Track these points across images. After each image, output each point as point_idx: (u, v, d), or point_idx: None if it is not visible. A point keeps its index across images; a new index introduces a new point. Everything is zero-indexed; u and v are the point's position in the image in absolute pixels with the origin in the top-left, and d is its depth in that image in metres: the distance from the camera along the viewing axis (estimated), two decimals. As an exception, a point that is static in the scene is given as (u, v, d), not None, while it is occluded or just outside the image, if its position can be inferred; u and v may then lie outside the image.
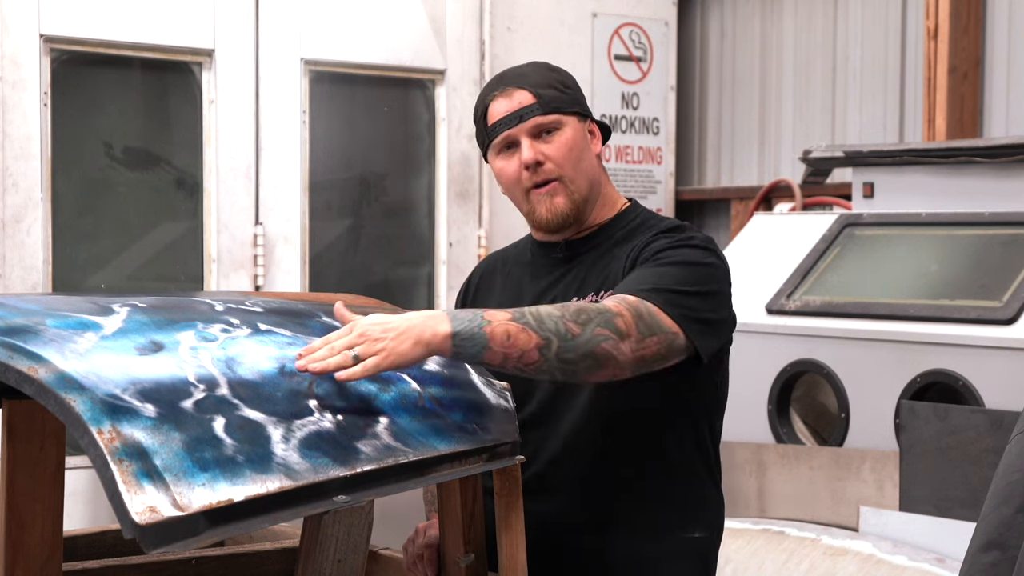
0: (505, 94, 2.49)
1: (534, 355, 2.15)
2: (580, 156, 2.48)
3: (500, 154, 2.50)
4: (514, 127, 2.45)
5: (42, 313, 1.81)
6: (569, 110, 2.49)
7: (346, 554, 2.61)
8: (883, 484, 4.01)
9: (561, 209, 2.46)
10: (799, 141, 6.52)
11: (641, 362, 2.23)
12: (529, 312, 2.16)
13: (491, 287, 2.63)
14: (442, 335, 2.09)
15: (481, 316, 2.14)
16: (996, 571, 1.64)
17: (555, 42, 6.46)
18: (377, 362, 2.03)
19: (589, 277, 2.47)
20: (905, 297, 4.27)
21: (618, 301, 2.24)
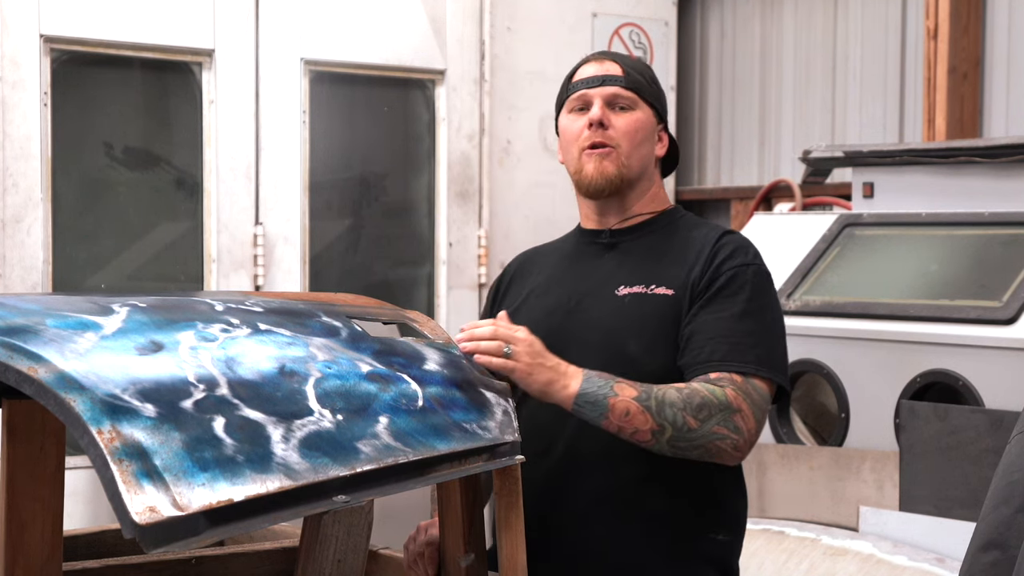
0: (598, 61, 2.59)
1: (647, 436, 2.29)
2: (641, 141, 2.54)
3: (571, 112, 2.57)
4: (594, 88, 2.53)
5: (42, 313, 1.81)
6: (648, 99, 2.56)
7: (346, 554, 2.61)
8: (883, 484, 4.01)
9: (608, 173, 2.51)
10: (799, 141, 6.52)
11: (750, 445, 2.36)
12: (655, 396, 2.28)
13: (526, 277, 2.65)
14: (569, 392, 2.28)
15: (611, 387, 2.27)
16: (996, 571, 1.64)
17: (555, 42, 6.46)
18: (513, 367, 2.26)
19: (633, 267, 2.50)
20: (905, 297, 4.27)
21: (736, 391, 2.32)
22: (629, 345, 2.41)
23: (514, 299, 2.62)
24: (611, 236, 2.56)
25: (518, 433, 2.19)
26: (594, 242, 2.58)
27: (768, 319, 2.44)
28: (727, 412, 2.30)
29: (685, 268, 2.45)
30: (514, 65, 6.30)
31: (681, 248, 2.50)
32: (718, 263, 2.44)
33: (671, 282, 2.44)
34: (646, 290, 2.45)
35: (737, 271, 2.43)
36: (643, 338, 2.41)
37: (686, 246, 2.50)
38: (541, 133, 6.44)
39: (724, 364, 2.35)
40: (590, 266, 2.56)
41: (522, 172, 6.36)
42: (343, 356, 2.04)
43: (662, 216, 2.58)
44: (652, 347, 2.41)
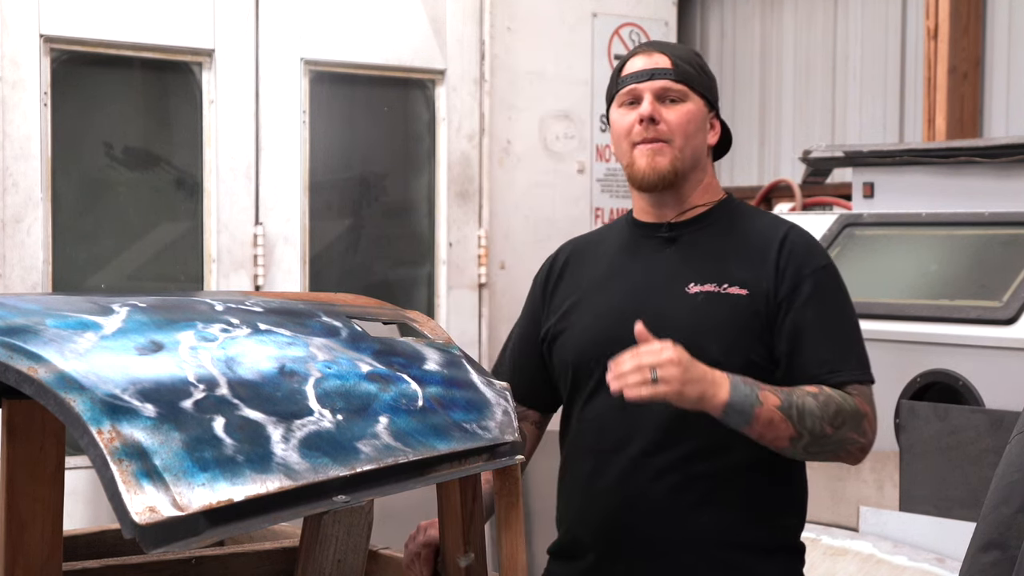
0: (646, 53, 2.56)
1: (785, 443, 2.34)
2: (694, 132, 2.52)
3: (621, 106, 2.55)
4: (643, 82, 2.51)
5: (42, 313, 1.81)
6: (698, 89, 2.54)
7: (346, 554, 2.61)
8: (883, 484, 4.01)
9: (661, 168, 2.49)
10: (799, 141, 6.52)
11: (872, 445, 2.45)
12: (796, 404, 2.33)
13: (579, 269, 2.63)
14: (719, 401, 2.29)
15: (756, 395, 2.31)
16: (996, 571, 1.64)
17: (555, 42, 6.46)
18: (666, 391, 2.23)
19: (699, 263, 2.49)
20: (905, 297, 4.27)
21: (863, 398, 2.41)
22: (710, 346, 2.40)
23: (570, 291, 2.60)
24: (671, 229, 2.55)
25: (518, 433, 2.19)
26: (653, 235, 2.56)
27: (854, 319, 2.51)
28: (858, 418, 2.38)
29: (755, 266, 2.46)
30: (514, 65, 6.31)
31: (745, 243, 2.51)
32: (797, 266, 2.46)
33: (743, 281, 2.45)
34: (719, 289, 2.45)
35: (820, 274, 2.47)
36: (722, 339, 2.41)
37: (750, 242, 2.51)
38: (541, 133, 6.44)
39: (834, 375, 2.41)
40: (652, 260, 2.54)
41: (522, 172, 6.36)
42: (343, 356, 2.04)
43: (718, 207, 2.57)
44: (731, 347, 2.42)
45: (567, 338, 2.56)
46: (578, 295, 2.58)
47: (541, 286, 2.67)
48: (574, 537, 2.52)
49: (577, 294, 2.59)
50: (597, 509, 2.47)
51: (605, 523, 2.46)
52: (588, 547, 2.49)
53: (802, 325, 2.42)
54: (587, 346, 2.51)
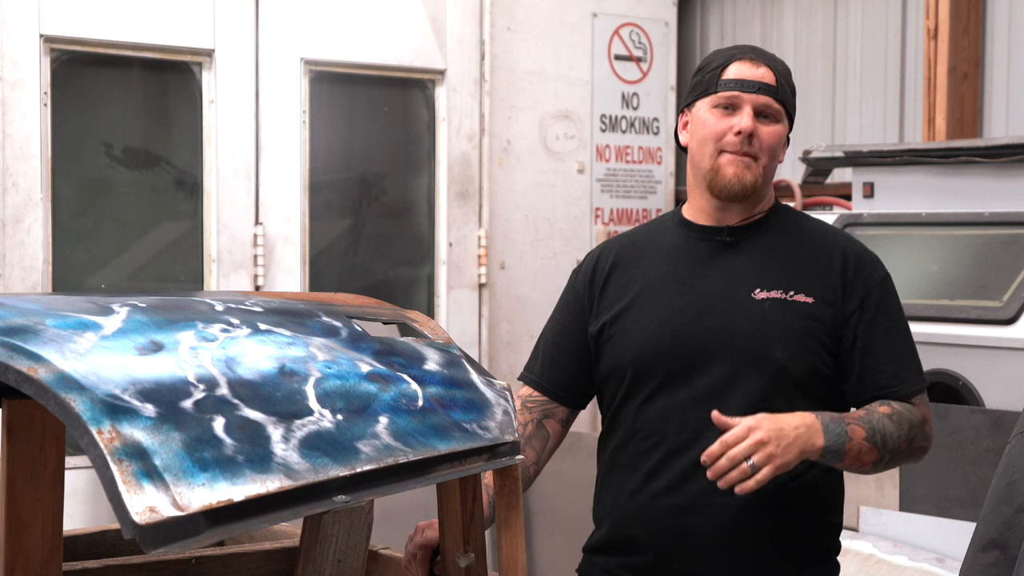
0: (753, 62, 2.60)
1: (868, 467, 2.45)
2: (777, 153, 2.58)
3: (716, 107, 2.56)
4: (748, 93, 2.54)
5: (42, 313, 1.81)
6: (790, 111, 2.61)
7: (346, 554, 2.61)
8: (883, 484, 4.01)
9: (747, 182, 2.53)
10: (799, 141, 6.52)
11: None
12: (879, 431, 2.43)
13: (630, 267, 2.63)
14: (818, 448, 2.36)
15: (845, 431, 2.39)
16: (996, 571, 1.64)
17: (555, 42, 6.46)
18: (768, 473, 2.29)
19: (762, 269, 2.54)
20: (905, 297, 4.26)
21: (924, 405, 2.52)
22: (776, 351, 2.47)
23: (623, 291, 2.60)
24: (731, 234, 2.58)
25: (518, 433, 2.19)
26: (712, 239, 2.59)
27: (908, 326, 2.60)
28: (923, 426, 2.50)
29: (818, 275, 2.52)
30: (514, 65, 6.31)
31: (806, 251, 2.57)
32: (863, 280, 2.53)
33: (808, 289, 2.51)
34: (784, 296, 2.50)
35: (883, 286, 2.56)
36: (789, 345, 2.47)
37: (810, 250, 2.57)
38: (541, 133, 6.44)
39: (905, 386, 2.51)
40: (713, 264, 2.56)
41: (522, 172, 6.36)
42: (343, 356, 2.04)
43: (772, 213, 2.61)
44: (797, 354, 2.47)
45: (625, 338, 2.57)
46: (633, 296, 2.59)
47: (586, 284, 2.66)
48: (629, 535, 2.55)
49: (632, 295, 2.59)
50: (658, 508, 2.51)
51: (666, 522, 2.50)
52: (646, 545, 2.53)
53: (872, 339, 2.51)
54: (649, 348, 2.53)
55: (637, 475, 2.54)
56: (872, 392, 2.50)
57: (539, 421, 2.64)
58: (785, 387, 2.47)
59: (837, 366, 2.51)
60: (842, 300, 2.51)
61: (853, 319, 2.50)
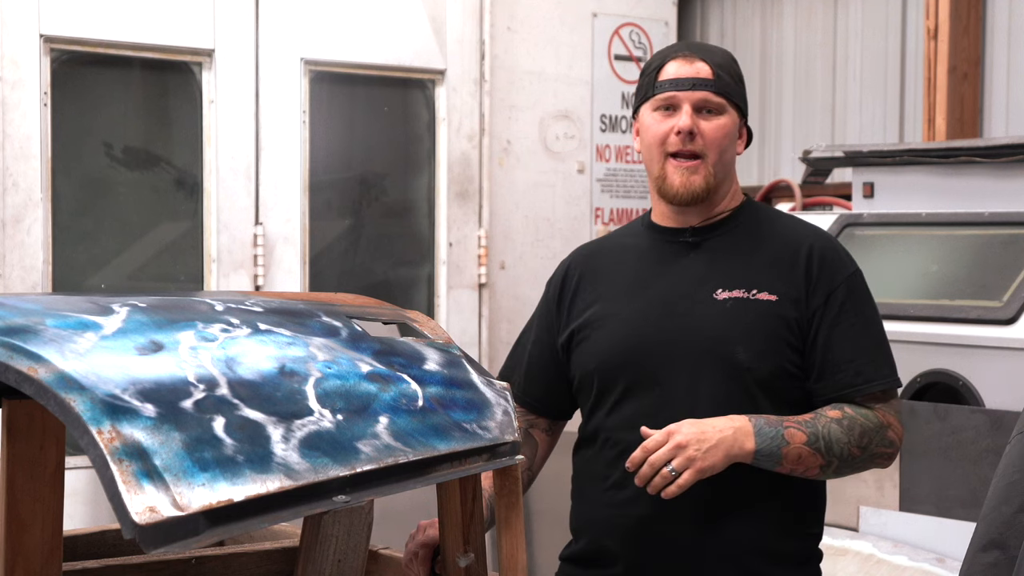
0: (688, 59, 2.52)
1: (815, 471, 2.39)
2: (728, 146, 2.51)
3: (656, 111, 2.51)
4: (684, 91, 2.48)
5: (42, 313, 1.81)
6: (735, 101, 2.52)
7: (346, 554, 2.61)
8: (883, 484, 4.01)
9: (696, 188, 2.47)
10: (799, 141, 6.52)
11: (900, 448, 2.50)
12: (822, 436, 2.35)
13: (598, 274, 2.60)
14: (747, 451, 2.32)
15: (782, 435, 2.33)
16: (996, 571, 1.64)
17: (555, 42, 6.46)
18: (689, 477, 2.27)
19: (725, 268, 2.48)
20: (905, 297, 4.27)
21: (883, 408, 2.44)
22: (738, 351, 2.41)
23: (592, 298, 2.57)
24: (694, 234, 2.53)
25: (518, 433, 2.19)
26: (676, 240, 2.54)
27: (881, 322, 2.54)
28: (882, 432, 2.42)
29: (782, 272, 2.46)
30: (514, 65, 6.31)
31: (771, 248, 2.50)
32: (830, 274, 2.46)
33: (771, 287, 2.45)
34: (747, 295, 2.44)
35: (850, 282, 2.48)
36: (752, 344, 2.41)
37: (776, 247, 2.50)
38: (541, 133, 6.44)
39: (869, 385, 2.44)
40: (677, 266, 2.52)
41: (522, 172, 6.36)
42: (343, 356, 2.04)
43: (740, 210, 2.56)
44: (761, 353, 2.41)
45: (591, 345, 2.53)
46: (600, 302, 2.55)
47: (556, 293, 2.64)
48: (600, 546, 2.50)
49: (599, 301, 2.55)
50: (626, 518, 2.46)
51: (635, 532, 2.45)
52: (616, 556, 2.48)
53: (835, 336, 2.44)
54: (613, 354, 2.49)
55: (605, 485, 2.49)
56: (834, 391, 2.43)
57: (525, 430, 2.62)
58: (749, 388, 2.41)
59: (804, 364, 2.45)
60: (806, 297, 2.44)
61: (817, 316, 2.44)
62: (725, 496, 2.41)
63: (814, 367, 2.44)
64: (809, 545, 2.52)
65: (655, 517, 2.42)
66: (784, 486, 2.44)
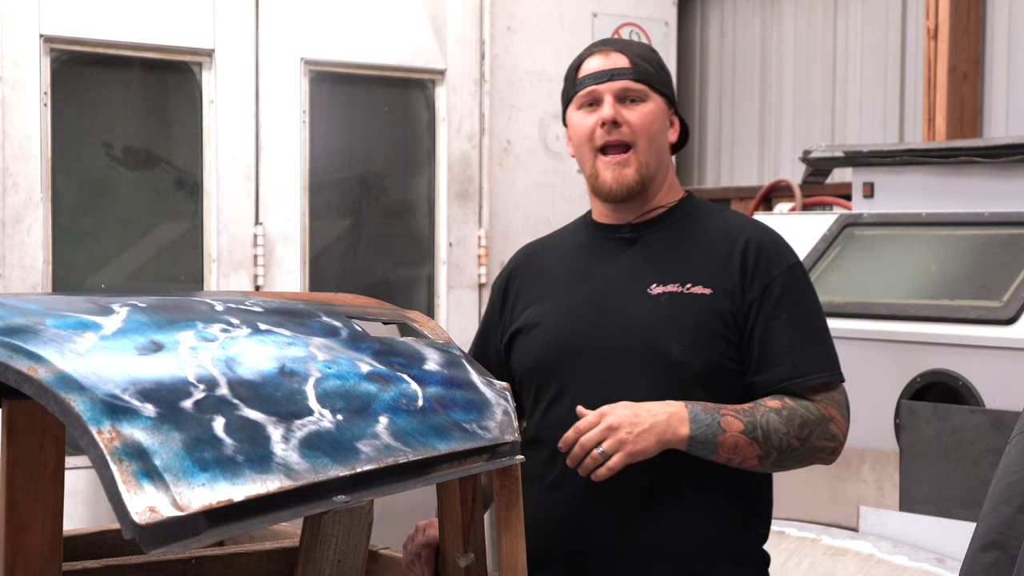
0: (603, 53, 2.52)
1: (753, 462, 2.34)
2: (656, 133, 2.49)
3: (580, 108, 2.52)
4: (603, 83, 2.48)
5: (42, 313, 1.81)
6: (659, 88, 2.50)
7: (346, 554, 2.61)
8: (883, 484, 4.01)
9: (629, 181, 2.46)
10: (799, 141, 6.52)
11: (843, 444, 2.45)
12: (760, 426, 2.31)
13: (538, 273, 2.58)
14: (681, 437, 2.28)
15: (718, 423, 2.29)
16: (996, 571, 1.64)
17: (555, 42, 6.46)
18: (619, 460, 2.24)
19: (661, 263, 2.46)
20: (905, 297, 4.27)
21: (825, 401, 2.40)
22: (672, 347, 2.39)
23: (531, 296, 2.55)
24: (632, 230, 2.51)
25: (518, 433, 2.19)
26: (613, 237, 2.52)
27: (822, 317, 2.48)
28: (823, 424, 2.37)
29: (717, 265, 2.43)
30: (514, 65, 6.31)
31: (707, 242, 2.47)
32: (767, 267, 2.42)
33: (706, 280, 2.42)
34: (681, 289, 2.41)
35: (789, 274, 2.44)
36: (685, 339, 2.38)
37: (713, 240, 2.47)
38: (541, 133, 6.44)
39: (807, 379, 2.39)
40: (613, 263, 2.50)
41: (522, 172, 6.36)
42: (343, 356, 2.04)
43: (679, 206, 2.53)
44: (694, 348, 2.39)
45: (528, 344, 2.51)
46: (539, 302, 2.53)
47: (500, 294, 2.63)
48: (542, 547, 2.44)
49: (538, 301, 2.53)
50: (564, 517, 2.43)
51: (573, 531, 2.42)
52: (555, 557, 2.45)
53: (773, 330, 2.39)
54: (549, 352, 2.46)
55: (543, 485, 2.46)
56: (772, 385, 2.39)
57: None
58: (685, 384, 2.37)
59: (741, 359, 2.41)
60: (742, 290, 2.40)
61: (753, 309, 2.40)
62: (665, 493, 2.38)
63: (752, 361, 2.40)
64: (752, 544, 2.48)
65: (593, 515, 2.40)
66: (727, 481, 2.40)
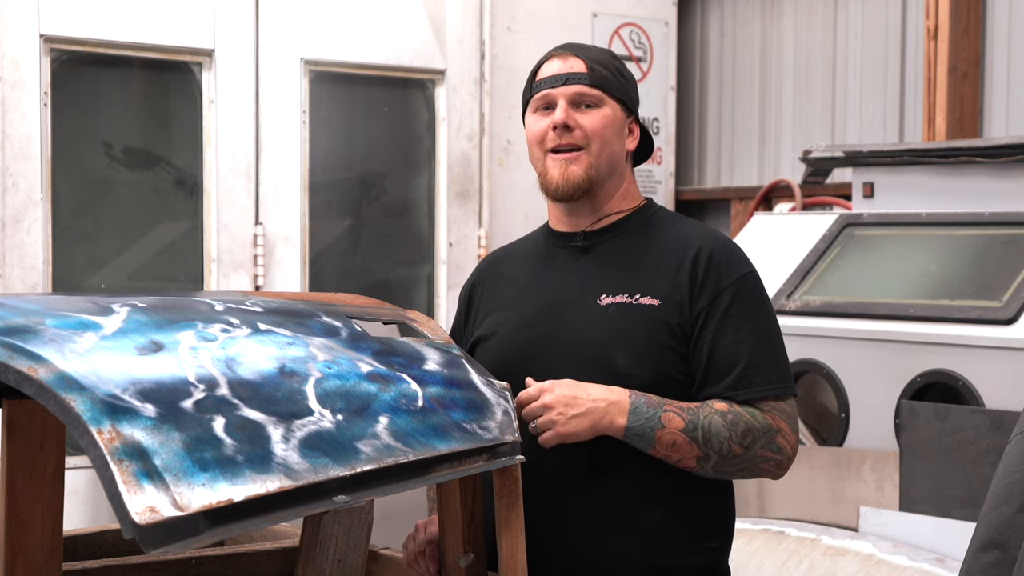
0: (561, 57, 2.49)
1: (692, 463, 2.31)
2: (610, 138, 2.46)
3: (536, 112, 2.49)
4: (557, 87, 2.45)
5: (42, 313, 1.81)
6: (615, 94, 2.48)
7: (346, 554, 2.61)
8: (883, 484, 4.01)
9: (575, 178, 2.43)
10: (799, 141, 6.52)
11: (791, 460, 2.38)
12: (701, 426, 2.28)
13: (498, 282, 2.57)
14: (617, 427, 2.27)
15: (658, 418, 2.27)
16: (996, 571, 1.64)
17: (555, 42, 6.40)
18: (548, 438, 2.24)
19: (613, 273, 2.43)
20: (905, 297, 4.27)
21: (773, 412, 2.34)
22: (618, 358, 2.35)
23: (490, 304, 2.54)
24: (585, 239, 2.48)
25: (518, 433, 2.19)
26: (567, 245, 2.50)
27: (775, 328, 2.43)
28: (770, 435, 2.32)
29: (667, 275, 2.40)
30: (514, 65, 6.31)
31: (659, 251, 2.44)
32: (716, 277, 2.38)
33: (655, 290, 2.39)
34: (630, 300, 2.38)
35: (739, 284, 2.39)
36: (632, 351, 2.35)
37: (665, 249, 2.44)
38: (541, 133, 6.43)
39: (756, 389, 2.34)
40: (566, 271, 2.47)
41: (522, 172, 6.36)
42: (343, 356, 2.04)
43: (635, 214, 2.51)
44: (641, 359, 2.35)
45: (485, 353, 2.48)
46: (496, 309, 2.52)
47: (465, 302, 2.62)
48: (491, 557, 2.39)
49: (495, 308, 2.52)
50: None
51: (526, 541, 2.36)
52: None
53: (720, 341, 2.35)
54: (502, 361, 2.43)
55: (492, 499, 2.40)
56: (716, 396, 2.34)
57: None
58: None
59: (688, 371, 2.37)
60: (690, 300, 2.36)
61: (700, 319, 2.36)
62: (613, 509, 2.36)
63: (698, 372, 2.36)
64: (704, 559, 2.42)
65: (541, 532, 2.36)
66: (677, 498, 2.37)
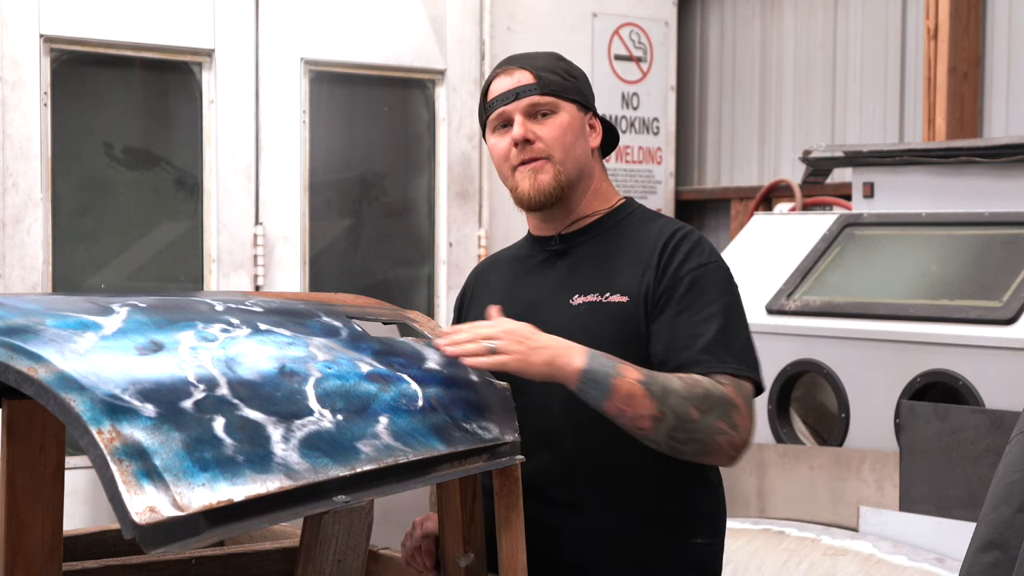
0: (507, 72, 2.50)
1: (647, 422, 2.22)
2: (573, 142, 2.47)
3: (495, 131, 2.50)
4: (510, 104, 2.46)
5: (42, 313, 1.81)
6: (568, 96, 2.49)
7: (346, 554, 2.61)
8: (883, 484, 4.01)
9: (544, 186, 2.44)
10: (799, 141, 6.52)
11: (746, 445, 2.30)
12: (660, 381, 2.22)
13: (484, 290, 2.61)
14: (574, 367, 2.20)
15: (615, 367, 2.21)
16: (996, 571, 1.64)
17: (555, 42, 6.45)
18: (506, 360, 2.17)
19: (585, 273, 2.45)
20: (905, 297, 4.27)
21: (735, 389, 2.27)
22: None
23: (477, 312, 2.54)
24: (561, 241, 2.50)
25: (518, 433, 2.19)
26: (545, 249, 2.53)
27: (741, 318, 2.39)
28: (727, 406, 2.25)
29: (638, 271, 2.40)
30: (514, 65, 6.30)
31: (631, 249, 2.44)
32: (676, 266, 2.38)
33: (625, 288, 2.39)
34: (600, 299, 2.40)
35: (698, 273, 2.37)
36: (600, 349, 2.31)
37: (636, 247, 2.44)
38: (541, 133, 6.43)
39: (712, 366, 2.30)
40: (542, 275, 2.50)
41: (522, 172, 6.36)
42: (343, 356, 2.04)
43: (611, 214, 2.52)
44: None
45: None
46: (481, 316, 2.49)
47: (457, 310, 2.66)
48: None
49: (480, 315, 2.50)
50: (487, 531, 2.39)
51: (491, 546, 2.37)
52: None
53: (678, 322, 2.33)
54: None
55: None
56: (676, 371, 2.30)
57: None
58: None
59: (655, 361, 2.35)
60: (654, 288, 2.36)
61: (660, 303, 2.35)
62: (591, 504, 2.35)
63: (655, 356, 2.33)
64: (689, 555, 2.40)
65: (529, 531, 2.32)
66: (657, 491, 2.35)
